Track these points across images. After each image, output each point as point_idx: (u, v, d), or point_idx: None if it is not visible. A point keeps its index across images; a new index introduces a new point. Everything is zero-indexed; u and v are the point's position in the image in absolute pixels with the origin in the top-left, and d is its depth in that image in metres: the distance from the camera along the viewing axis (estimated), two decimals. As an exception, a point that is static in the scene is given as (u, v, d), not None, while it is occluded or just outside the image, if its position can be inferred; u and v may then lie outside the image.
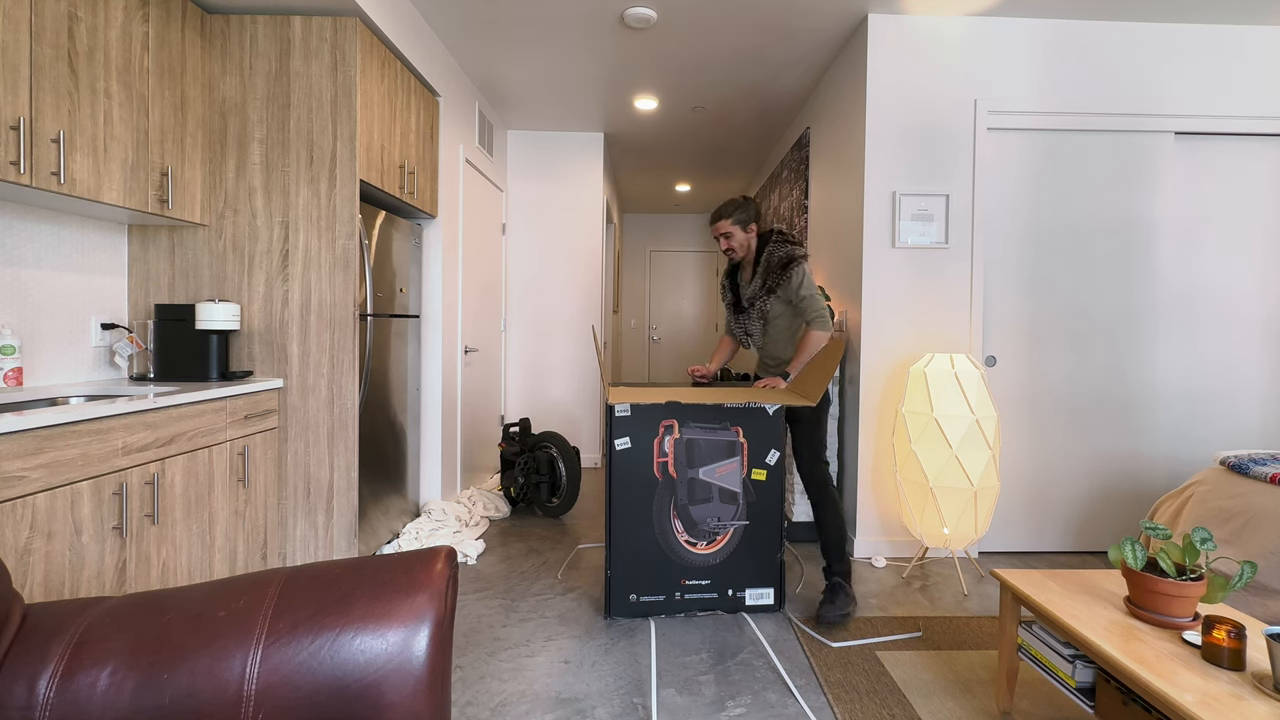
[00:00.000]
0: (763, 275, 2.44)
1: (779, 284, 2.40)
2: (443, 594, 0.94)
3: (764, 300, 2.46)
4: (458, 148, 3.57)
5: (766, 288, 2.44)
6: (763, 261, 2.45)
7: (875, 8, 2.84)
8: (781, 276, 2.39)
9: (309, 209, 2.45)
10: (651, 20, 2.97)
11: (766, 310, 2.47)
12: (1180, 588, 1.39)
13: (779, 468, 2.35)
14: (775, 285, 2.41)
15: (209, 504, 2.08)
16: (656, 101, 4.08)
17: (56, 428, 1.52)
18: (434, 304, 3.30)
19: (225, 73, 2.43)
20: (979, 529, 2.61)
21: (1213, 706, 1.11)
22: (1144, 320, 3.00)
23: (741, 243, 2.50)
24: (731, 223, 2.47)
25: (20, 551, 1.43)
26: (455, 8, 2.92)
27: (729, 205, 2.49)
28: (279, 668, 0.85)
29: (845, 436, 3.14)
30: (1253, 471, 2.14)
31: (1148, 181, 2.98)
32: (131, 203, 2.05)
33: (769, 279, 2.42)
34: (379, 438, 2.81)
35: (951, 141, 2.93)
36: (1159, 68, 2.94)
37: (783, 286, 2.39)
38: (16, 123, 1.66)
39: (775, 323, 2.49)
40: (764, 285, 2.44)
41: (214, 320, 2.26)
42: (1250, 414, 3.04)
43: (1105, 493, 3.04)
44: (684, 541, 2.33)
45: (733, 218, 2.47)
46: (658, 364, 8.26)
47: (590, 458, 4.84)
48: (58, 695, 0.81)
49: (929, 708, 1.79)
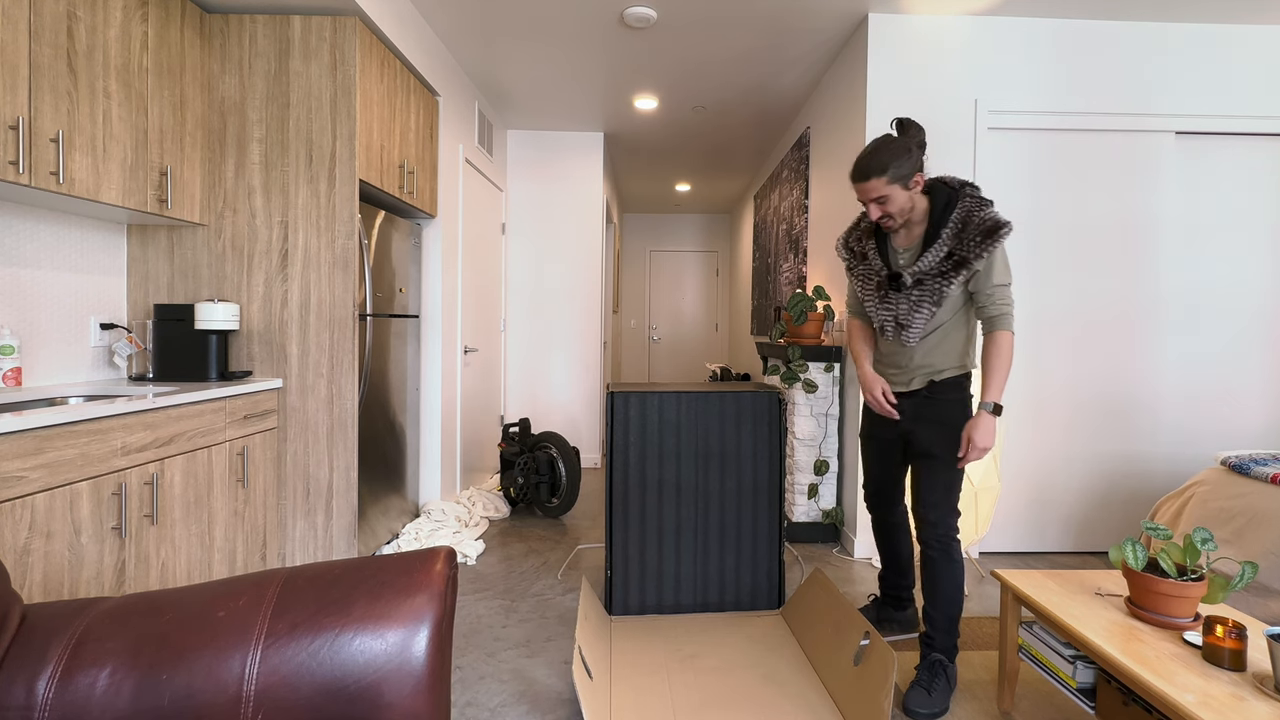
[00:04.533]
0: (952, 241, 1.74)
1: (978, 256, 1.70)
2: (442, 594, 0.94)
3: (945, 279, 1.75)
4: (457, 147, 3.57)
5: (956, 260, 1.73)
6: (953, 223, 1.74)
7: (875, 8, 2.84)
8: (983, 247, 1.70)
9: (308, 209, 2.45)
10: (651, 20, 2.97)
11: (944, 293, 1.76)
12: (1181, 588, 1.39)
13: (779, 466, 2.35)
14: (972, 257, 1.71)
15: (208, 504, 2.08)
16: (656, 101, 4.08)
17: (56, 428, 1.52)
18: (434, 304, 3.30)
19: (224, 72, 2.42)
20: (979, 529, 2.61)
21: (1213, 707, 1.11)
22: (1144, 320, 3.00)
23: (903, 207, 1.77)
24: (889, 180, 1.73)
25: (19, 552, 1.43)
26: (455, 7, 2.91)
27: (884, 152, 1.73)
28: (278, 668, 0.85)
29: (845, 436, 3.14)
30: (1253, 472, 2.13)
31: (1148, 181, 2.98)
32: (131, 202, 2.05)
33: (963, 248, 1.72)
34: (378, 438, 2.81)
35: (952, 141, 2.92)
36: (1159, 67, 2.94)
37: (983, 261, 1.71)
38: (16, 122, 1.66)
39: (945, 311, 1.80)
40: (951, 256, 1.74)
41: (213, 320, 2.26)
42: (1251, 414, 3.04)
43: (1106, 493, 3.03)
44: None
45: (889, 172, 1.72)
46: (658, 364, 8.26)
47: (590, 458, 4.84)
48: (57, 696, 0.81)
49: (929, 708, 1.78)
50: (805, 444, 3.17)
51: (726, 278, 8.22)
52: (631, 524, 2.31)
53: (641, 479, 2.30)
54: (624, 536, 2.31)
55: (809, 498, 3.17)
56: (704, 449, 2.32)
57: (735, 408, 2.32)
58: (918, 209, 1.81)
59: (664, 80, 3.73)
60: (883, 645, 1.65)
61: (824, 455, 3.17)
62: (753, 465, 2.34)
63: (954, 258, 1.74)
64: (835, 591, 2.07)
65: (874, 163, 1.73)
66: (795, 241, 4.27)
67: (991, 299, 1.73)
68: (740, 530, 2.34)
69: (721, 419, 2.33)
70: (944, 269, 1.75)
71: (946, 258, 1.75)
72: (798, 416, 3.16)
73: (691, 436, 2.32)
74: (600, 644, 2.02)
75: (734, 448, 2.33)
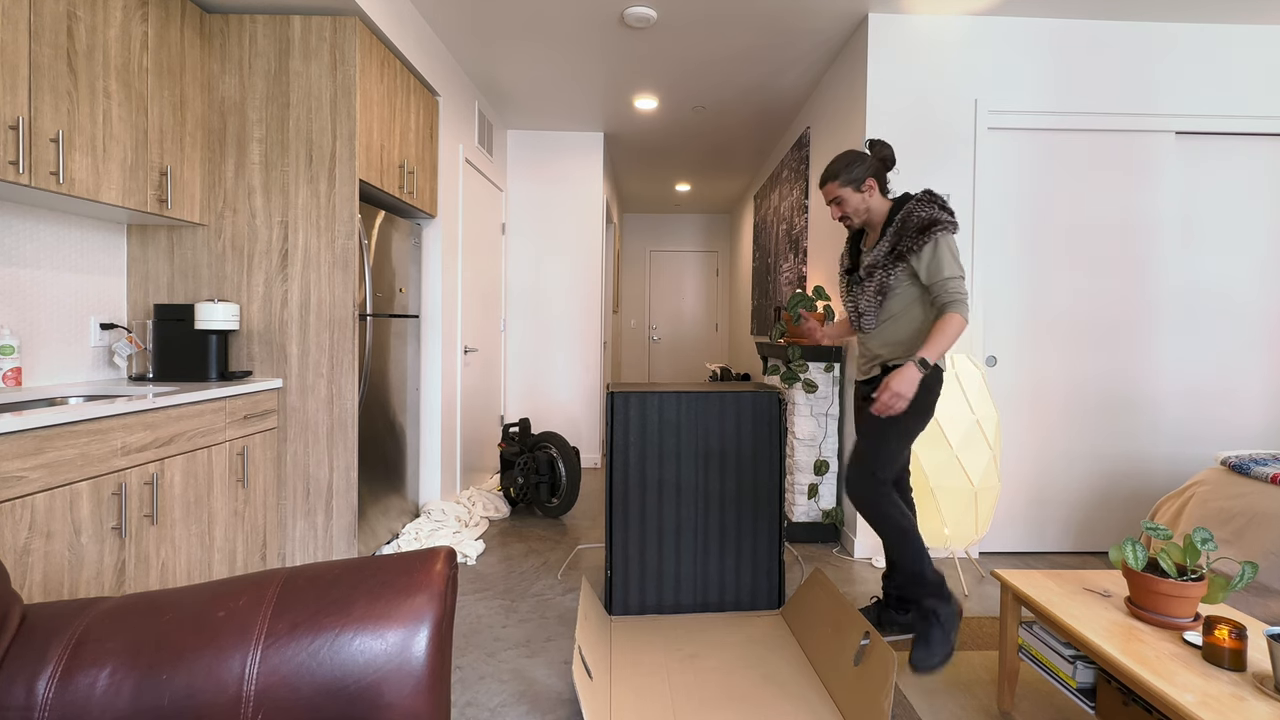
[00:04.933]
0: (893, 238, 1.95)
1: (910, 250, 1.91)
2: (442, 594, 0.94)
3: (887, 270, 1.96)
4: (457, 147, 3.57)
5: (895, 253, 1.94)
6: (896, 221, 1.96)
7: (875, 7, 2.84)
8: (917, 241, 1.89)
9: (308, 209, 2.45)
10: (651, 20, 2.97)
11: (887, 283, 1.97)
12: (1181, 588, 1.39)
13: (779, 466, 2.35)
14: (905, 251, 1.92)
15: (208, 504, 2.08)
16: (656, 101, 4.08)
17: (56, 428, 1.51)
18: (434, 304, 3.30)
19: (224, 72, 2.42)
20: (979, 529, 2.61)
21: (1213, 707, 1.11)
22: (1144, 320, 3.00)
23: (857, 208, 2.04)
24: (840, 184, 2.01)
25: (19, 552, 1.43)
26: (455, 7, 2.91)
27: (838, 161, 2.03)
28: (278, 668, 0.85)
29: (845, 437, 3.14)
30: (1253, 472, 2.13)
31: (1148, 181, 2.98)
32: (130, 202, 2.05)
33: (900, 242, 1.93)
34: (378, 438, 2.81)
35: (952, 141, 2.92)
36: (1159, 67, 2.94)
37: (914, 255, 1.91)
38: (16, 122, 1.66)
39: (896, 302, 1.99)
40: (891, 250, 1.95)
41: (213, 320, 2.26)
42: (1251, 414, 3.04)
43: (1106, 493, 3.03)
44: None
45: (840, 178, 2.01)
46: (657, 364, 8.25)
47: (590, 458, 4.84)
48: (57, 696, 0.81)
49: (929, 707, 1.79)
50: (805, 444, 3.17)
51: (726, 278, 8.22)
52: (631, 524, 2.31)
53: (641, 479, 2.30)
54: (624, 536, 2.31)
55: (809, 498, 3.17)
56: (704, 449, 2.32)
57: (735, 408, 2.32)
58: (875, 212, 2.05)
59: (664, 80, 3.73)
60: (883, 645, 1.65)
61: (824, 455, 3.17)
62: (753, 465, 2.34)
63: (895, 251, 1.96)
64: (835, 592, 2.07)
65: (829, 170, 2.05)
66: (795, 241, 4.27)
67: (944, 288, 1.89)
68: (740, 530, 2.34)
69: (721, 419, 2.33)
70: (887, 261, 1.97)
71: (890, 252, 1.97)
72: (798, 416, 3.16)
73: (691, 436, 2.32)
74: (600, 644, 2.02)
75: (734, 448, 2.33)
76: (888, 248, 1.96)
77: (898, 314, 2.00)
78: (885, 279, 1.97)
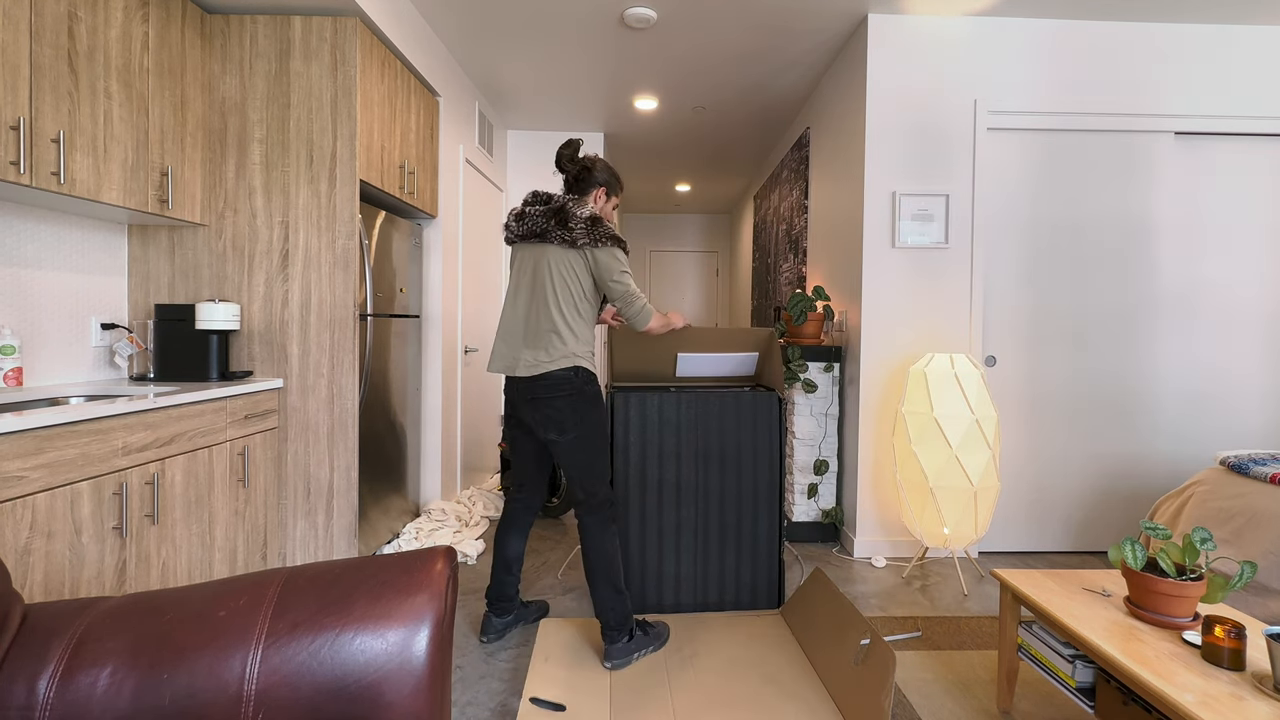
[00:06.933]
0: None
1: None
2: (443, 594, 0.94)
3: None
4: (458, 148, 3.57)
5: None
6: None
7: (875, 8, 2.84)
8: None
9: (309, 209, 2.45)
10: (651, 20, 2.97)
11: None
12: (1180, 588, 1.39)
13: (779, 465, 2.35)
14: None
15: (209, 504, 2.08)
16: (656, 101, 4.08)
17: (56, 428, 1.52)
18: (434, 304, 3.30)
19: (225, 73, 2.43)
20: (979, 529, 2.61)
21: (1213, 706, 1.11)
22: (1144, 320, 3.00)
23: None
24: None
25: (20, 551, 1.43)
26: (455, 8, 2.91)
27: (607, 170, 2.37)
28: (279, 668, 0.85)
29: (845, 436, 3.14)
30: (1253, 471, 2.14)
31: (1148, 181, 2.98)
32: (131, 203, 2.05)
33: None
34: (379, 438, 2.81)
35: (951, 141, 2.93)
36: (1159, 68, 2.94)
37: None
38: (16, 123, 1.66)
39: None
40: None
41: (214, 320, 2.26)
42: (1250, 414, 3.04)
43: (1105, 493, 3.03)
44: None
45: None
46: (658, 364, 8.25)
47: (590, 458, 4.83)
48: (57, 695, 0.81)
49: (929, 707, 1.79)
50: (805, 444, 3.17)
51: (726, 278, 8.22)
52: (631, 524, 2.31)
53: (641, 479, 2.31)
54: (624, 536, 2.31)
55: (809, 497, 3.17)
56: (704, 449, 2.32)
57: (735, 408, 2.33)
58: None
59: (664, 80, 3.73)
60: (883, 645, 1.65)
61: (824, 455, 3.17)
62: (753, 465, 2.34)
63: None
64: (835, 591, 2.07)
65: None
66: (795, 242, 4.27)
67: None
68: (740, 530, 2.35)
69: (721, 419, 2.33)
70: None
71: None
72: (797, 416, 3.16)
73: (691, 436, 2.32)
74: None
75: (734, 448, 2.33)
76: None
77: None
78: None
